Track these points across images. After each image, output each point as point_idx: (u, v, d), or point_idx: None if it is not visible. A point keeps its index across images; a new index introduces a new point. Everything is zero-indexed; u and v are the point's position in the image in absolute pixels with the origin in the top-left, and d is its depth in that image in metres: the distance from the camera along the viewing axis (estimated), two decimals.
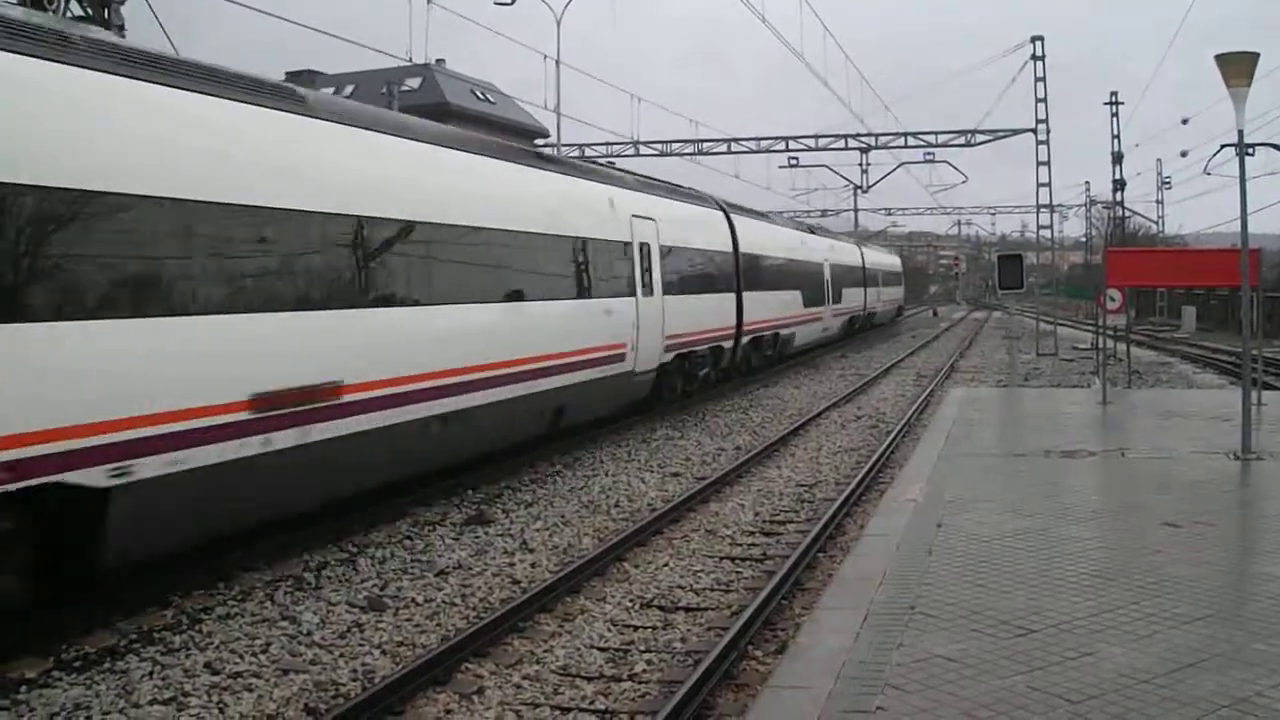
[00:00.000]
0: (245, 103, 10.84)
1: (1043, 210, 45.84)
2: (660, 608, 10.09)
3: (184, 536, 9.98)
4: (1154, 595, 8.18)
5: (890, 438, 19.20)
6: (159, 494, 9.07)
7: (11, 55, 8.34)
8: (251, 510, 10.75)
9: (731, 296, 26.95)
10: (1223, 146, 43.75)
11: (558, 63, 32.98)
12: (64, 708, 7.65)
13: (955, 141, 48.56)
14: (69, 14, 12.82)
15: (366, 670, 8.41)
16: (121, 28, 13.45)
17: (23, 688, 7.96)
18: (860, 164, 53.48)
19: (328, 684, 8.12)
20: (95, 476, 8.48)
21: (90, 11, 13.27)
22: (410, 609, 9.95)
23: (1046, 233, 47.97)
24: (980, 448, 15.75)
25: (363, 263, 12.02)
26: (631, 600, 10.29)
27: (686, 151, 50.18)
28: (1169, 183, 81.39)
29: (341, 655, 8.72)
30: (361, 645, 8.97)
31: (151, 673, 8.31)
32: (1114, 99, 67.06)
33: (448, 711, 7.72)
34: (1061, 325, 55.43)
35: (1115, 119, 67.54)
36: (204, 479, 9.51)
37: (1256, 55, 13.65)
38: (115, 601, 9.55)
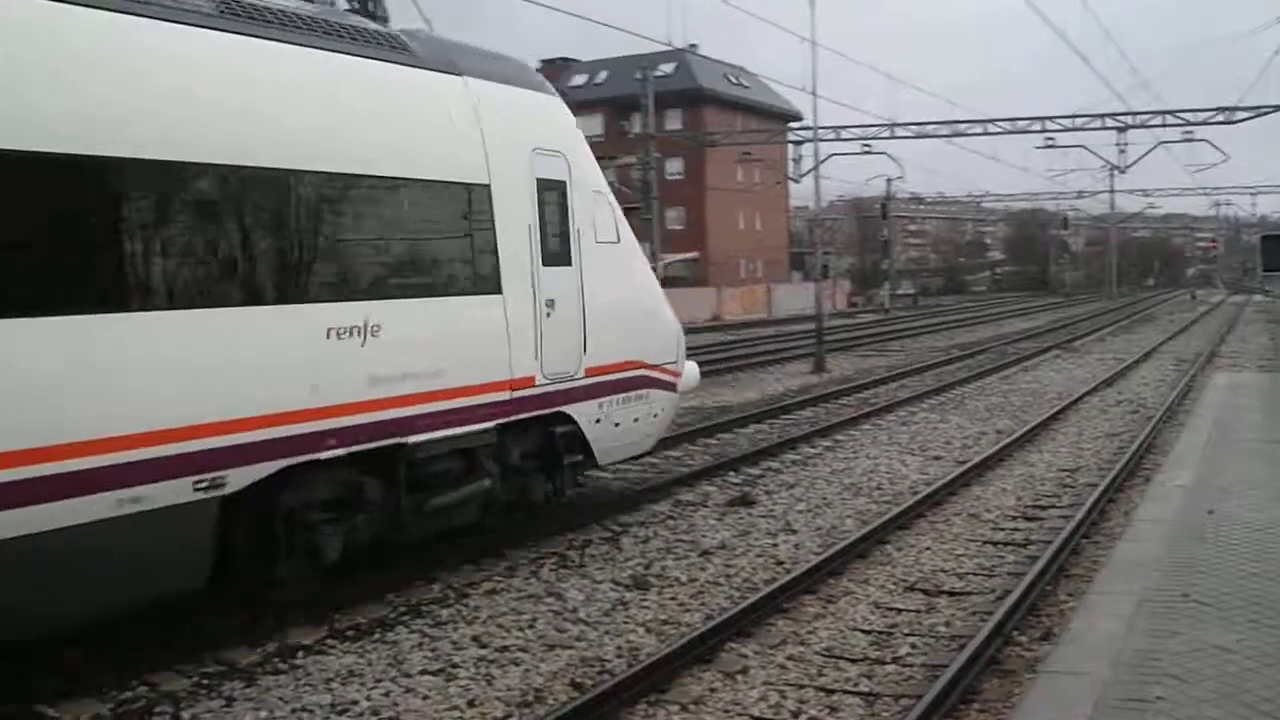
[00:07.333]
0: None
1: None
2: (923, 591, 9.84)
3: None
4: None
5: (1152, 423, 18.35)
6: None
7: None
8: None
9: None
10: None
11: (813, 44, 32.17)
12: (338, 674, 7.84)
13: (1215, 119, 45.91)
14: None
15: (631, 647, 8.35)
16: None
17: (300, 653, 8.21)
18: (1118, 144, 51.36)
19: (593, 660, 8.10)
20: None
21: None
22: (674, 588, 9.87)
23: None
24: (1248, 433, 15.16)
25: None
26: (894, 583, 10.05)
27: (942, 134, 49.00)
28: None
29: (606, 632, 8.70)
30: (626, 623, 8.93)
31: (420, 644, 8.45)
32: None
33: (712, 690, 7.59)
34: None
35: None
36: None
37: None
38: (388, 573, 9.79)
